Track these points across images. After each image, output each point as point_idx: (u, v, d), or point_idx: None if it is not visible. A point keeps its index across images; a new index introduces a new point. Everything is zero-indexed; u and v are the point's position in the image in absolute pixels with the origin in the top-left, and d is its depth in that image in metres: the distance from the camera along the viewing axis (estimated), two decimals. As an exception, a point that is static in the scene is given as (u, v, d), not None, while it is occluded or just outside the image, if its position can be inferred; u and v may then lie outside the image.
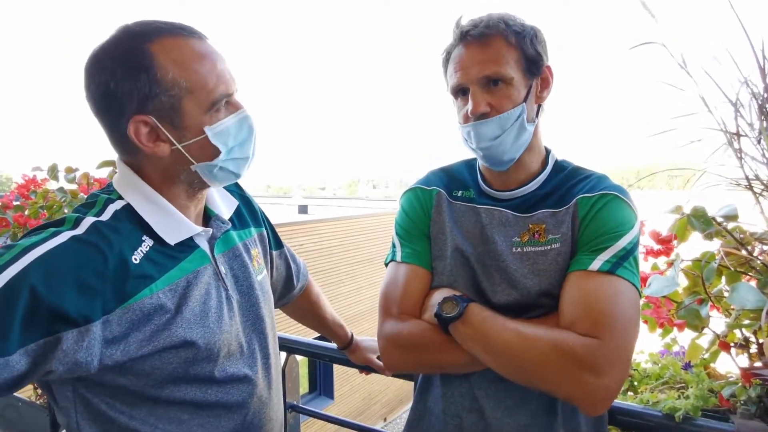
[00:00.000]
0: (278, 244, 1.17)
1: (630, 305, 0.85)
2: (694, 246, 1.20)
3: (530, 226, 0.95)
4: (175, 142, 0.81)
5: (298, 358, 1.56)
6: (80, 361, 0.71)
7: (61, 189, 2.18)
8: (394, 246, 1.04)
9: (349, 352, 1.35)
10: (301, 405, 1.55)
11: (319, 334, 1.36)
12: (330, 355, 1.42)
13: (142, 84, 0.77)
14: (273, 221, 1.16)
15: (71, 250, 0.72)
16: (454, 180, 1.06)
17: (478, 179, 1.05)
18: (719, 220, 1.15)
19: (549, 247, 0.93)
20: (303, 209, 14.06)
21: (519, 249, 0.94)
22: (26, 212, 2.14)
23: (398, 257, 1.01)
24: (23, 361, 0.67)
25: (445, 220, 1.01)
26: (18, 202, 2.20)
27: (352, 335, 1.35)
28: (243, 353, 0.91)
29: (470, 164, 1.09)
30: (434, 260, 1.00)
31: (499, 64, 0.90)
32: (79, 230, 0.75)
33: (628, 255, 0.87)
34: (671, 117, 1.40)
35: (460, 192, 1.04)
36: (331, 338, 1.35)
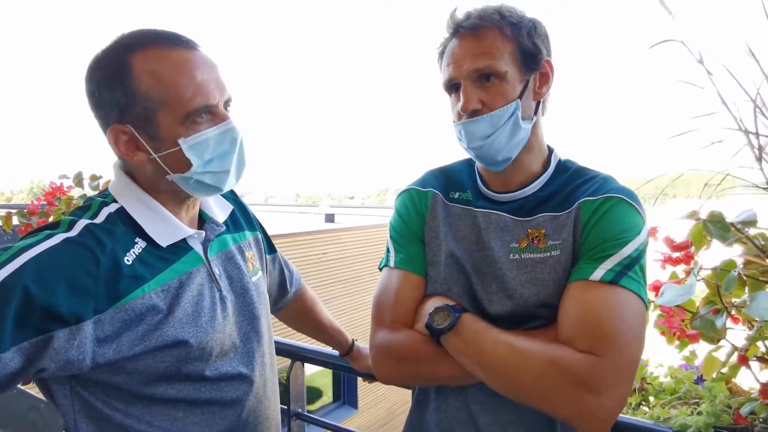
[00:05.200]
0: (271, 249, 1.17)
1: (634, 319, 0.79)
2: (722, 254, 1.13)
3: (529, 231, 0.90)
4: (151, 152, 0.82)
5: (319, 367, 1.54)
6: (72, 359, 0.73)
7: (83, 196, 2.25)
8: (388, 251, 1.01)
9: (351, 359, 1.33)
10: (306, 413, 1.53)
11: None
12: (333, 362, 1.40)
13: (118, 95, 0.79)
14: (299, 230, 1.17)
15: (64, 252, 0.74)
16: (451, 181, 1.02)
17: (476, 180, 1.00)
18: (738, 226, 1.08)
19: (548, 254, 0.87)
20: (330, 218, 14.15)
21: (517, 255, 0.89)
22: (50, 219, 2.21)
23: (391, 262, 0.98)
24: (16, 359, 0.69)
25: (440, 223, 0.97)
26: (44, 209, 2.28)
27: (353, 342, 1.33)
28: (237, 352, 0.92)
29: (470, 164, 1.04)
30: (428, 266, 0.96)
31: (492, 57, 0.86)
32: (73, 232, 0.77)
33: (633, 263, 0.82)
34: (691, 117, 1.33)
35: (457, 194, 0.99)
36: (331, 345, 1.34)
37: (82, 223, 0.79)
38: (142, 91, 0.79)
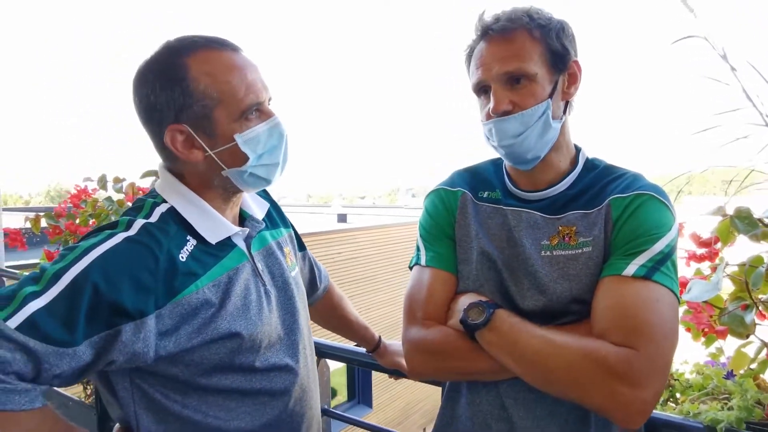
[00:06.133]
0: (302, 246, 1.21)
1: (668, 313, 0.80)
2: (749, 250, 1.13)
3: (560, 228, 0.92)
4: (207, 149, 0.86)
5: (334, 366, 1.56)
6: (138, 351, 0.78)
7: (108, 198, 2.30)
8: (418, 249, 1.02)
9: (377, 356, 1.35)
10: (332, 410, 1.56)
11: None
12: (359, 359, 1.42)
13: (177, 95, 0.83)
14: (312, 230, 1.19)
15: (126, 250, 0.79)
16: (479, 180, 1.03)
17: (504, 179, 1.01)
18: (767, 222, 1.08)
19: (580, 250, 0.89)
20: (342, 218, 14.21)
21: (548, 252, 0.91)
22: (77, 221, 2.26)
23: (422, 261, 1.00)
24: (88, 352, 0.74)
25: (471, 222, 0.98)
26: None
27: (379, 338, 1.35)
28: (283, 344, 0.96)
29: (497, 164, 1.05)
30: (459, 264, 0.98)
31: (522, 60, 0.87)
32: (132, 231, 0.81)
33: (665, 259, 0.83)
34: (713, 114, 1.33)
35: (486, 193, 1.01)
36: (359, 341, 1.36)
37: (140, 222, 0.83)
38: (201, 90, 0.83)
